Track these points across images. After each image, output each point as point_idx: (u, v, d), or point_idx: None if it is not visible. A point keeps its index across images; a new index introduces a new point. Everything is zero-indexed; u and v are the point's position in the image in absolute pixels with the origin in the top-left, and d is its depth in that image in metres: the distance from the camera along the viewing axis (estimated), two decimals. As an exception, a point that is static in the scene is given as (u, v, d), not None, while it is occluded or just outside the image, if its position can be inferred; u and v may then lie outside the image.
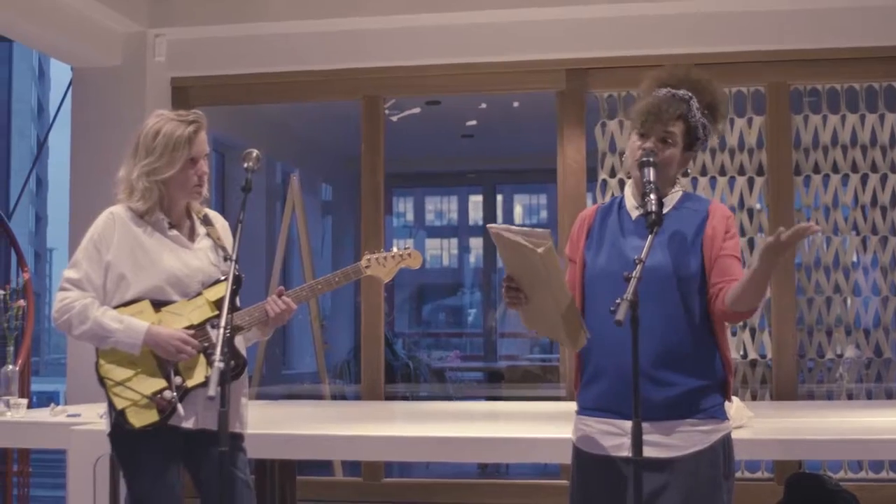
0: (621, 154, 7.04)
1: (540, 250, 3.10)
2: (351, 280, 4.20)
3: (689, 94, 3.47)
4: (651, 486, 3.28)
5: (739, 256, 3.45)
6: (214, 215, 4.21)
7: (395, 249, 4.29)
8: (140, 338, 3.82)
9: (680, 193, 3.53)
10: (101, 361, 3.90)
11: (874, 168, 7.23)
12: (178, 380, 3.86)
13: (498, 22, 7.44)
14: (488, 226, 3.27)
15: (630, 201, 3.53)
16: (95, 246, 3.94)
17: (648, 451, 3.23)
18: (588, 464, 3.44)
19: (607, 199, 3.69)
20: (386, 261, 4.24)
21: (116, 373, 3.86)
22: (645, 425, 3.18)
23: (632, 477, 3.15)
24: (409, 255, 4.28)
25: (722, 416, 3.41)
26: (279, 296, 4.04)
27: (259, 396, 7.83)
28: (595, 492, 3.40)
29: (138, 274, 3.91)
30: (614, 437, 3.35)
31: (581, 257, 3.52)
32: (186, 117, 3.99)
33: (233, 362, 3.66)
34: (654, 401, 3.29)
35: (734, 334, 7.11)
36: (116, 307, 3.88)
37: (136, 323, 3.84)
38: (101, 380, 3.89)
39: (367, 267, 4.21)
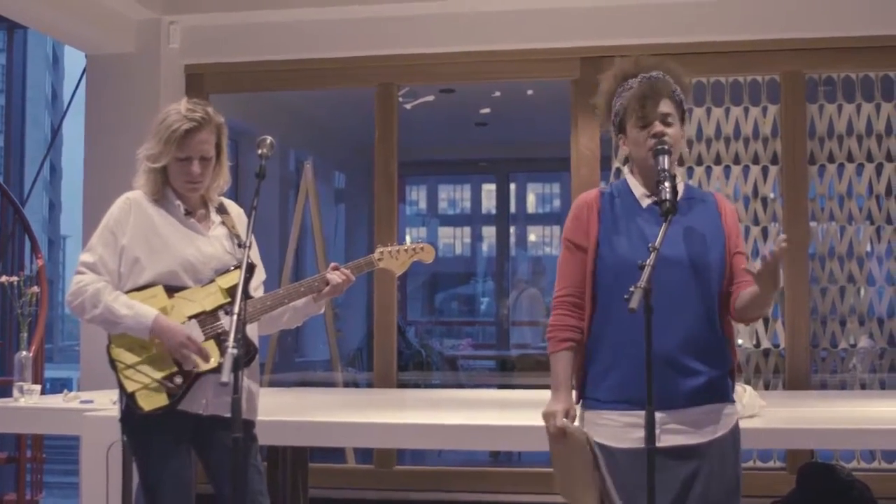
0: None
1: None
2: (364, 272, 4.21)
3: (661, 73, 3.54)
4: (684, 472, 3.32)
5: (745, 251, 3.55)
6: (230, 204, 4.22)
7: (408, 243, 4.30)
8: (148, 324, 3.83)
9: (683, 185, 3.57)
10: (113, 344, 3.93)
11: (889, 157, 7.20)
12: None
13: (512, 10, 7.43)
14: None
15: (639, 189, 3.53)
16: (111, 230, 3.96)
17: (677, 440, 3.29)
18: (614, 459, 3.38)
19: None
20: (399, 254, 4.24)
21: (127, 356, 3.88)
22: (670, 414, 3.23)
23: (663, 466, 3.16)
24: (422, 249, 4.29)
25: (733, 399, 3.52)
26: (335, 269, 4.09)
27: (272, 384, 7.84)
28: (625, 486, 3.33)
29: (152, 258, 3.92)
30: (640, 429, 3.22)
31: (594, 243, 3.49)
32: (192, 114, 3.95)
33: (244, 350, 3.65)
34: (681, 389, 3.32)
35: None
36: (130, 291, 3.90)
37: (146, 310, 3.85)
38: (112, 362, 3.91)
39: (379, 260, 4.22)
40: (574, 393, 3.56)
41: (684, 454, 3.33)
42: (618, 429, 3.40)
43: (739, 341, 6.97)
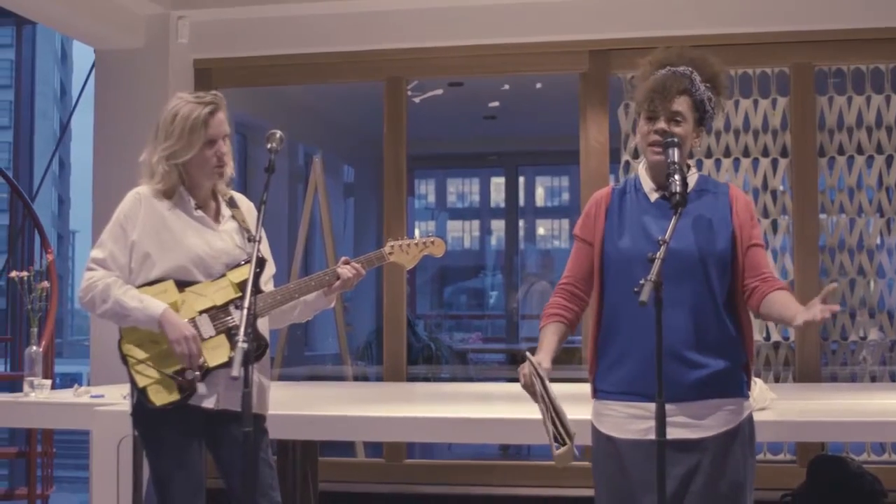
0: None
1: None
2: (374, 266, 4.21)
3: (690, 69, 3.49)
4: (684, 466, 3.31)
5: (763, 243, 3.53)
6: (240, 198, 4.22)
7: (417, 236, 4.29)
8: (156, 316, 3.83)
9: (696, 176, 3.55)
10: (124, 339, 3.93)
11: (899, 149, 7.19)
12: (199, 360, 3.87)
13: (521, 3, 7.42)
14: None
15: (648, 184, 3.53)
16: (121, 226, 3.97)
17: (679, 433, 3.27)
18: (617, 449, 3.43)
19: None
20: (409, 248, 4.24)
21: (139, 351, 3.89)
22: (674, 407, 3.22)
23: (664, 459, 3.15)
24: (433, 242, 4.29)
25: (746, 395, 3.48)
26: (346, 263, 4.10)
27: (281, 378, 7.85)
28: (628, 477, 3.39)
29: (163, 253, 3.93)
30: (643, 420, 3.33)
31: (600, 239, 3.52)
32: (203, 98, 3.99)
33: (255, 344, 3.66)
34: (684, 382, 3.32)
35: (757, 316, 7.06)
36: (141, 286, 3.90)
37: (155, 303, 3.86)
38: (124, 357, 3.92)
39: (390, 253, 4.22)
40: (590, 387, 3.59)
41: (686, 447, 3.33)
42: (621, 419, 3.42)
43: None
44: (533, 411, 4.26)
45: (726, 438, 3.36)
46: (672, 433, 3.21)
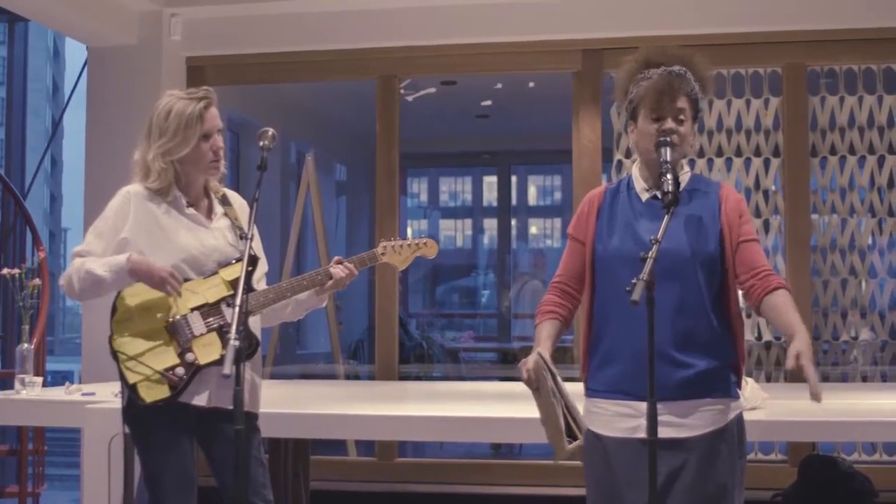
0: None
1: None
2: (367, 266, 4.22)
3: (684, 68, 3.50)
4: (669, 465, 3.30)
5: (756, 238, 3.50)
6: (233, 195, 4.22)
7: (410, 237, 4.30)
8: (124, 267, 3.81)
9: (689, 175, 3.55)
10: (115, 335, 3.92)
11: (891, 150, 7.19)
12: (190, 357, 3.86)
13: (514, 2, 7.42)
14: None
15: (640, 183, 3.54)
16: (106, 222, 3.97)
17: (665, 432, 3.25)
18: (604, 447, 3.43)
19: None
20: (402, 248, 4.25)
21: (129, 347, 3.88)
22: (660, 406, 3.20)
23: (655, 457, 3.15)
24: (425, 244, 4.30)
25: (736, 395, 3.46)
26: (339, 263, 4.10)
27: (273, 376, 7.84)
28: (613, 475, 3.39)
29: (155, 251, 3.92)
30: (630, 418, 3.35)
31: (591, 239, 3.52)
32: (196, 94, 4.00)
33: (246, 342, 3.65)
34: (670, 382, 3.31)
35: (749, 316, 7.08)
36: (135, 283, 3.89)
37: (117, 258, 3.85)
38: (114, 354, 3.90)
39: (382, 254, 4.23)
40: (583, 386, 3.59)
41: (672, 446, 3.31)
42: (609, 417, 3.43)
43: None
44: (524, 410, 4.27)
45: (713, 438, 3.35)
46: (658, 432, 3.21)
